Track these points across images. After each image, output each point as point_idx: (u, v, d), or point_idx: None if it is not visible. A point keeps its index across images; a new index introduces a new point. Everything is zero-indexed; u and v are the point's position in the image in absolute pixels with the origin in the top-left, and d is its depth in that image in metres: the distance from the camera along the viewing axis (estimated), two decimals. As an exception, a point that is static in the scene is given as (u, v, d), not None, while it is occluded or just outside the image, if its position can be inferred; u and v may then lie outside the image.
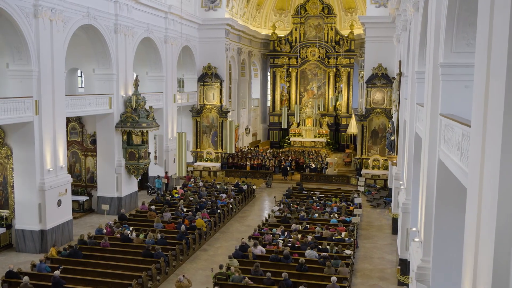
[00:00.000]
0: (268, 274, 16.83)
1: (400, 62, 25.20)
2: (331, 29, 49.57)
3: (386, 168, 37.05)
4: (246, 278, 16.73)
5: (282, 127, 37.88)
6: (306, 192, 31.69)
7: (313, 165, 39.41)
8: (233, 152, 40.06)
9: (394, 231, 25.42)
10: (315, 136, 48.99)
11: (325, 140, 48.60)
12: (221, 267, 17.40)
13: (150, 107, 28.80)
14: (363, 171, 37.17)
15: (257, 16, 50.08)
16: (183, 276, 16.47)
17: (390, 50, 36.03)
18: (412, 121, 18.28)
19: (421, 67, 17.73)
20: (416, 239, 12.65)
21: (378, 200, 31.74)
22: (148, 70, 33.36)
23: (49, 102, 21.51)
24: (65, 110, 22.92)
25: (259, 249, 19.57)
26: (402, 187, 19.77)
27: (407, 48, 23.28)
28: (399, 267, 14.15)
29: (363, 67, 40.94)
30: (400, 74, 24.85)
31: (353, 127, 46.45)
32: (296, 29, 50.14)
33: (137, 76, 28.85)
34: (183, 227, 21.94)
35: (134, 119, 27.41)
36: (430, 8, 12.48)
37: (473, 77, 11.16)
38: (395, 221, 25.30)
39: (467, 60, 11.06)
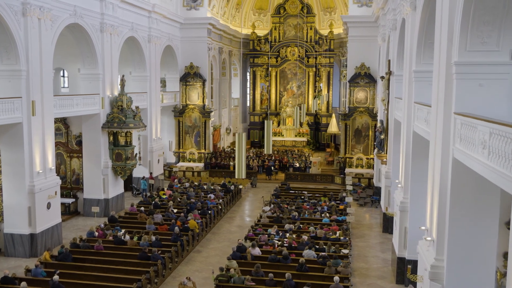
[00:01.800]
0: (271, 275, 16.70)
1: (389, 61, 25.32)
2: (311, 29, 49.70)
3: (369, 166, 37.32)
4: (248, 277, 16.58)
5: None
6: (293, 191, 31.65)
7: (297, 165, 39.44)
8: (211, 151, 40.00)
9: (385, 229, 25.60)
10: (296, 136, 49.03)
11: (306, 139, 48.69)
12: (221, 269, 17.19)
13: (137, 107, 28.36)
14: (347, 170, 37.35)
15: (236, 15, 49.88)
16: (187, 278, 16.19)
17: (373, 50, 36.31)
18: (410, 120, 18.35)
19: (419, 66, 17.87)
20: (428, 238, 12.65)
21: (365, 198, 31.92)
22: (132, 70, 32.85)
23: (38, 102, 20.92)
24: (53, 111, 22.35)
25: (257, 250, 19.42)
26: (399, 185, 19.84)
27: (398, 47, 23.48)
28: (410, 266, 14.16)
29: (345, 66, 41.17)
30: (389, 73, 24.97)
31: (333, 126, 46.70)
32: (275, 29, 50.09)
33: (123, 76, 28.36)
34: (176, 228, 21.64)
35: (121, 120, 26.92)
36: (440, 7, 12.50)
37: (490, 76, 11.28)
38: (385, 219, 25.49)
39: (482, 58, 11.12)
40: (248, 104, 53.17)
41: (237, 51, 50.53)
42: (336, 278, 16.15)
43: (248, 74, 52.94)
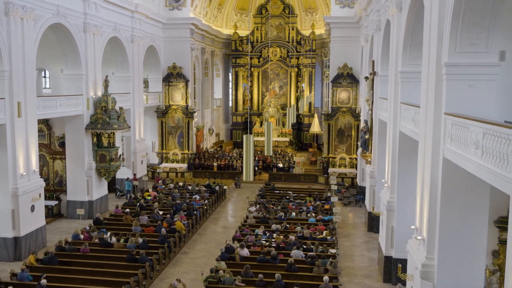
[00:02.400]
0: (260, 275, 16.71)
1: (373, 61, 25.53)
2: (292, 29, 49.86)
3: (352, 166, 37.58)
4: (239, 277, 16.58)
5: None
6: (278, 192, 31.72)
7: (281, 165, 39.53)
8: (194, 151, 39.87)
9: (370, 228, 25.79)
10: (279, 136, 49.13)
11: (289, 140, 48.84)
12: (212, 270, 17.14)
13: (121, 108, 28.13)
14: (330, 170, 37.57)
15: (218, 15, 49.80)
16: (178, 280, 16.10)
17: (355, 50, 36.58)
18: (396, 120, 18.51)
19: (405, 66, 18.05)
20: (419, 237, 12.79)
21: (349, 198, 32.12)
22: (115, 70, 32.57)
23: (21, 103, 20.61)
24: (36, 112, 22.05)
25: (246, 251, 19.42)
26: (385, 185, 20.01)
27: (382, 48, 23.68)
28: (400, 265, 14.31)
29: (328, 67, 41.40)
30: (373, 73, 25.18)
31: (315, 126, 46.94)
32: (257, 29, 50.14)
33: (106, 76, 28.09)
34: (163, 230, 21.52)
35: (105, 121, 26.67)
36: (429, 9, 12.64)
37: (479, 77, 11.42)
38: (370, 218, 25.68)
39: (471, 59, 11.28)
40: (230, 105, 53.15)
41: (219, 51, 50.46)
42: (326, 277, 16.23)
43: (230, 74, 52.93)
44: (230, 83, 53.11)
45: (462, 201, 11.54)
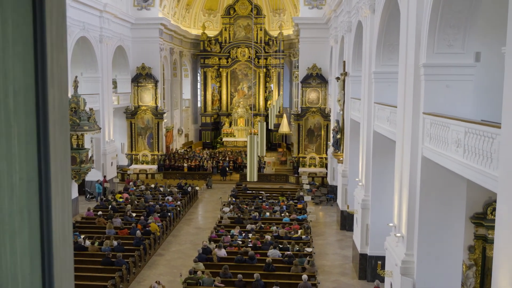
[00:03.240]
0: (240, 276, 16.77)
1: (344, 62, 25.89)
2: (260, 30, 50.01)
3: (322, 165, 37.96)
4: (218, 278, 16.60)
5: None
6: (251, 192, 31.81)
7: (251, 165, 39.55)
8: (164, 153, 39.61)
9: (343, 227, 26.13)
10: (247, 136, 49.11)
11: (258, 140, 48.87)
12: (190, 272, 17.10)
13: (91, 109, 27.70)
14: (300, 169, 37.87)
15: (186, 16, 49.56)
16: (157, 282, 16.01)
17: (324, 51, 36.97)
18: (370, 120, 18.84)
19: (378, 67, 18.39)
20: (398, 234, 13.07)
21: (320, 197, 32.45)
22: (83, 71, 32.06)
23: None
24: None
25: (223, 251, 19.44)
26: (359, 184, 20.33)
27: (353, 49, 24.05)
28: (380, 262, 14.59)
29: (297, 67, 41.71)
30: (344, 74, 25.53)
31: (285, 127, 47.22)
32: (225, 29, 50.12)
33: (76, 77, 27.62)
34: (138, 232, 21.33)
35: (75, 122, 26.23)
36: (406, 11, 12.93)
37: (456, 77, 11.75)
38: (343, 217, 26.02)
39: (448, 60, 11.62)
40: (199, 105, 52.93)
41: (188, 51, 50.23)
42: (305, 276, 16.41)
43: (199, 75, 52.73)
44: (199, 84, 52.91)
45: (440, 199, 11.88)
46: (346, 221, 25.55)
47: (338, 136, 26.80)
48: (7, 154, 1.26)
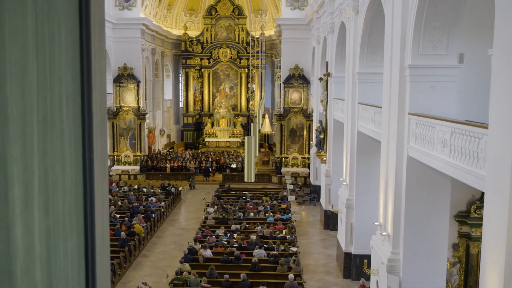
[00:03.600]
0: (226, 276, 16.83)
1: (327, 63, 26.09)
2: (242, 30, 50.12)
3: (305, 165, 38.18)
4: (204, 279, 16.64)
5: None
6: (234, 192, 31.86)
7: (234, 165, 39.68)
8: (147, 153, 39.46)
9: (326, 226, 26.33)
10: (230, 136, 49.25)
11: (240, 140, 49.01)
12: (177, 272, 17.11)
13: (73, 110, 27.46)
14: (283, 170, 38.04)
15: (168, 16, 49.40)
16: (144, 284, 15.99)
17: (306, 51, 37.19)
18: (354, 120, 19.05)
19: (362, 68, 18.61)
20: (384, 233, 13.26)
21: (303, 197, 32.64)
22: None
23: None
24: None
25: (208, 252, 19.47)
26: (344, 183, 20.53)
27: (336, 50, 24.26)
28: (366, 261, 14.77)
29: (279, 68, 41.87)
30: (327, 74, 25.73)
31: (267, 127, 47.36)
32: (207, 30, 50.08)
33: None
34: (123, 233, 21.24)
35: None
36: (391, 13, 13.12)
37: (440, 78, 11.97)
38: (326, 216, 26.23)
39: (433, 62, 11.84)
40: (181, 106, 52.79)
41: (170, 52, 50.06)
42: (291, 275, 16.53)
43: (180, 75, 52.59)
44: (181, 84, 52.77)
45: (425, 197, 12.11)
46: (330, 221, 25.76)
47: (322, 136, 27.00)
48: (61, 157, 1.32)
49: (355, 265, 19.12)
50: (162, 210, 27.19)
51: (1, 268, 1.13)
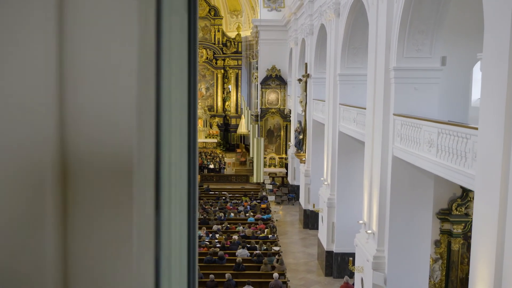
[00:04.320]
0: (211, 276, 16.92)
1: (306, 64, 26.39)
2: (218, 31, 50.15)
3: (282, 166, 38.44)
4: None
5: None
6: (213, 193, 31.94)
7: (212, 166, 39.75)
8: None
9: (306, 225, 26.63)
10: (206, 137, 49.26)
11: (216, 141, 49.11)
12: (162, 272, 17.12)
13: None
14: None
15: (143, 16, 49.10)
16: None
17: (283, 52, 37.47)
18: (335, 121, 19.35)
19: (343, 69, 18.94)
20: (369, 231, 13.57)
21: (281, 197, 32.91)
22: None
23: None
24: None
25: (192, 252, 19.52)
26: (325, 183, 20.83)
27: (315, 51, 24.59)
28: (351, 258, 15.05)
29: (256, 68, 42.10)
30: (307, 75, 26.02)
31: (243, 127, 47.53)
32: (183, 30, 49.93)
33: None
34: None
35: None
36: (375, 17, 13.44)
37: (423, 80, 12.35)
38: (305, 216, 26.53)
39: (417, 64, 12.20)
40: (156, 106, 52.48)
41: (145, 52, 49.75)
42: (276, 274, 16.74)
43: (156, 75, 52.28)
44: (156, 85, 52.47)
45: (409, 196, 12.46)
46: (309, 220, 26.08)
47: (301, 136, 27.29)
48: (180, 163, 1.47)
49: (337, 263, 19.44)
50: (142, 211, 27.07)
51: None
